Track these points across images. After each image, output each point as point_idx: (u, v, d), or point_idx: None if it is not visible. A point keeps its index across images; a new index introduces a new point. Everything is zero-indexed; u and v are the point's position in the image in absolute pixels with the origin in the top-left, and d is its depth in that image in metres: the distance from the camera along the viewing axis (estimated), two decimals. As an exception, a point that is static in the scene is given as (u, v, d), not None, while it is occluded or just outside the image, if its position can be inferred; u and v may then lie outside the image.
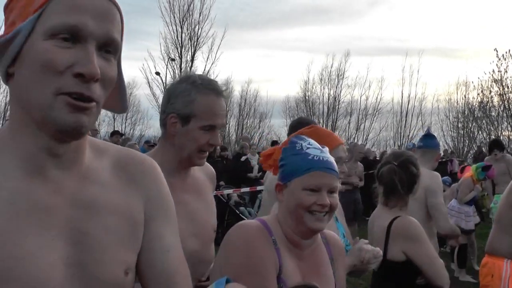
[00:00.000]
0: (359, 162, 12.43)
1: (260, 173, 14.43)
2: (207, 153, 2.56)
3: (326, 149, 2.34)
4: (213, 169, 2.90)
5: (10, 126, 1.32)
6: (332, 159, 2.29)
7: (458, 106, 40.31)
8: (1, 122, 31.26)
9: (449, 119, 40.57)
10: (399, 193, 3.73)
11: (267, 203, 3.66)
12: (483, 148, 24.23)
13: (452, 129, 39.86)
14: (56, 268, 1.24)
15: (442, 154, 19.53)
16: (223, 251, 2.19)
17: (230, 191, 13.26)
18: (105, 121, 40.70)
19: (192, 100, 2.43)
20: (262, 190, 13.21)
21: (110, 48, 1.26)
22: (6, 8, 1.32)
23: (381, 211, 3.87)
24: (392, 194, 3.77)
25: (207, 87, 2.48)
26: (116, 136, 14.19)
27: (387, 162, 3.90)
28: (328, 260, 2.36)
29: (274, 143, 18.59)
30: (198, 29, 35.98)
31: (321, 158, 2.24)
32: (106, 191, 1.39)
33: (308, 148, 2.28)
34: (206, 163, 2.79)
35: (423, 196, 4.92)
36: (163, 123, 2.53)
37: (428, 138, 5.81)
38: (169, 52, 35.63)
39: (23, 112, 1.26)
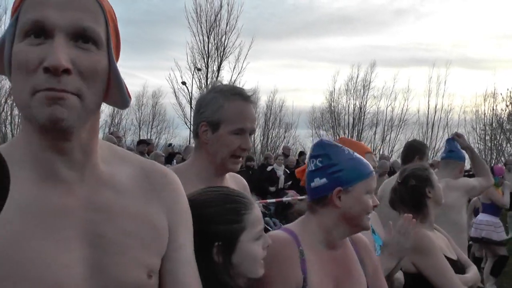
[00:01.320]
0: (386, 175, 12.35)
1: (290, 183, 14.43)
2: (241, 158, 2.57)
3: None
4: (245, 181, 2.89)
5: (22, 132, 1.35)
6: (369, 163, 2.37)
7: (485, 118, 39.92)
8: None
9: (476, 131, 40.14)
10: (409, 209, 3.66)
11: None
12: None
13: (479, 142, 39.38)
14: (72, 269, 1.25)
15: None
16: None
17: (256, 202, 13.22)
18: (131, 129, 41.11)
19: (220, 106, 2.48)
20: (289, 201, 13.24)
21: (86, 37, 1.23)
22: (12, 15, 1.33)
23: None
24: (401, 211, 3.72)
25: (233, 93, 2.52)
26: (142, 145, 14.02)
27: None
28: (357, 259, 2.39)
29: (301, 154, 18.52)
30: (225, 39, 36.18)
31: (367, 162, 2.35)
32: (124, 196, 1.40)
33: (354, 153, 2.35)
34: (239, 176, 2.83)
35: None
36: (196, 133, 2.58)
37: (451, 149, 5.70)
38: (195, 62, 35.83)
39: (24, 116, 1.28)
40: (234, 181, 2.73)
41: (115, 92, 1.36)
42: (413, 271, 3.52)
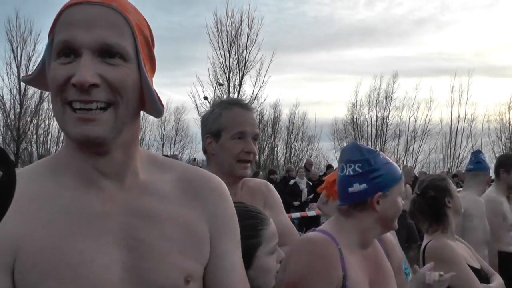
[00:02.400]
0: (407, 185, 12.25)
1: (312, 196, 14.39)
2: (249, 163, 2.62)
3: None
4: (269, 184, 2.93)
5: (65, 145, 1.42)
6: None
7: (510, 126, 39.54)
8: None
9: (501, 140, 39.83)
10: (427, 220, 3.69)
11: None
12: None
13: (504, 151, 38.83)
14: (111, 271, 1.29)
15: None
16: (287, 264, 2.23)
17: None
18: (154, 145, 41.29)
19: (219, 116, 2.59)
20: (314, 215, 13.19)
21: (113, 53, 1.28)
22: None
23: (425, 238, 3.82)
24: (422, 222, 3.74)
25: (230, 103, 2.66)
26: None
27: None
28: (384, 255, 2.45)
29: (329, 167, 18.43)
30: (246, 53, 36.19)
31: None
32: (164, 203, 1.42)
33: (386, 156, 2.41)
34: (261, 180, 2.91)
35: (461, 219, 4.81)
36: (204, 148, 2.68)
37: (478, 160, 5.61)
38: (217, 77, 35.80)
39: None
40: (254, 188, 2.78)
41: (149, 102, 1.38)
42: None
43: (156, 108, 1.39)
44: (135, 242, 1.34)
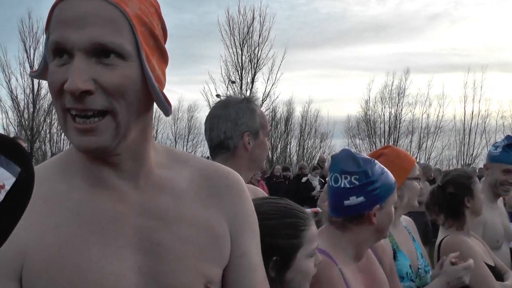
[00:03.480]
0: (426, 182, 12.14)
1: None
2: None
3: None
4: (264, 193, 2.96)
5: None
6: None
7: (525, 123, 39.15)
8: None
9: (516, 136, 39.39)
10: (446, 214, 3.61)
11: None
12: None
13: (519, 147, 38.51)
14: (125, 277, 1.23)
15: None
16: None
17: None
18: (167, 143, 41.23)
19: (257, 114, 2.64)
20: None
21: (108, 52, 1.17)
22: None
23: (440, 231, 3.76)
24: (436, 214, 3.66)
25: (256, 100, 2.74)
26: None
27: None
28: (377, 261, 2.41)
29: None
30: (258, 51, 36.26)
31: None
32: (181, 202, 1.35)
33: (378, 163, 2.35)
34: (254, 187, 2.90)
35: None
36: (234, 146, 2.63)
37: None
38: (229, 74, 35.94)
39: None
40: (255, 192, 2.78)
41: (156, 100, 1.29)
42: None
43: (163, 108, 1.28)
44: (151, 245, 1.28)
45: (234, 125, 2.63)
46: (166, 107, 1.28)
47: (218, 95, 34.92)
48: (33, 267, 1.20)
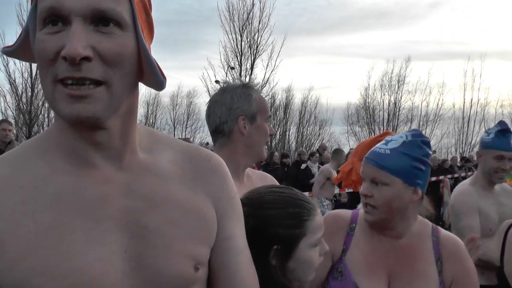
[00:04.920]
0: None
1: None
2: None
3: (399, 141, 2.31)
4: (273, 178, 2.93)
5: (55, 122, 1.30)
6: (387, 152, 2.28)
7: (524, 111, 39.14)
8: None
9: (515, 125, 39.38)
10: None
11: None
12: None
13: (518, 136, 38.53)
14: (111, 262, 1.19)
15: None
16: None
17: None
18: (165, 129, 41.40)
19: (254, 99, 2.62)
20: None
21: (107, 19, 1.14)
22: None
23: None
24: None
25: (255, 86, 2.72)
26: None
27: None
28: (433, 258, 2.30)
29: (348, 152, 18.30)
30: (258, 37, 36.07)
31: (373, 150, 2.35)
32: (167, 184, 1.33)
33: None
34: (266, 174, 2.95)
35: None
36: (229, 130, 2.64)
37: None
38: (228, 60, 35.78)
39: None
40: (261, 182, 2.76)
41: (149, 73, 1.26)
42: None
43: (158, 80, 1.26)
44: (138, 228, 1.24)
45: (228, 109, 2.63)
46: (161, 80, 1.27)
47: (217, 81, 34.93)
48: (8, 256, 1.14)
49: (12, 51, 1.25)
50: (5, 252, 1.13)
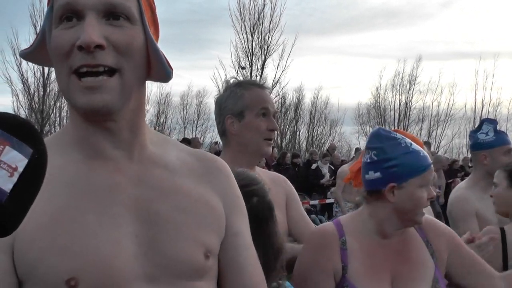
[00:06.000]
0: (435, 172, 11.98)
1: (333, 178, 14.34)
2: (271, 140, 2.69)
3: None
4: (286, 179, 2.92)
5: (69, 119, 1.38)
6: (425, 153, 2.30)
7: (536, 111, 38.90)
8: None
9: (527, 125, 39.16)
10: None
11: None
12: None
13: (530, 136, 38.31)
14: (122, 245, 1.23)
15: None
16: (302, 249, 2.36)
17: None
18: (176, 128, 41.46)
19: (240, 96, 2.62)
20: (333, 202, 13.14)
21: (118, 13, 1.23)
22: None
23: None
24: None
25: (249, 83, 2.71)
26: (184, 143, 14.16)
27: None
28: (423, 243, 2.35)
29: (357, 150, 18.28)
30: (269, 37, 36.01)
31: (426, 154, 2.29)
32: (176, 175, 1.39)
33: (412, 144, 2.30)
34: (279, 174, 2.94)
35: None
36: (222, 130, 2.68)
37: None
38: (239, 60, 35.75)
39: None
40: (274, 182, 2.75)
41: (156, 66, 1.34)
42: None
43: (165, 71, 1.34)
44: (149, 215, 1.29)
45: (219, 110, 2.68)
46: (168, 70, 1.35)
47: (227, 81, 34.88)
48: (23, 238, 1.18)
49: (29, 53, 1.33)
50: (21, 233, 1.16)
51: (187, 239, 1.31)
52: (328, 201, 13.78)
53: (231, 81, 2.77)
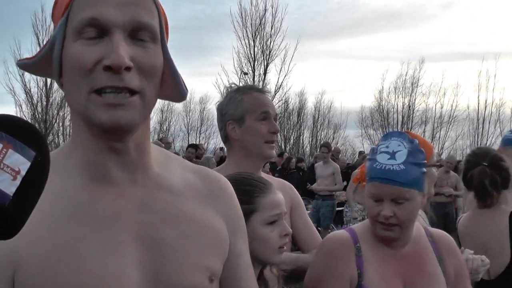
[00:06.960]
0: (451, 172, 11.93)
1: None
2: (273, 143, 2.70)
3: (404, 152, 2.21)
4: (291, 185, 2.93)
5: (72, 136, 1.31)
6: (401, 167, 2.16)
7: (540, 111, 38.77)
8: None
9: (531, 125, 39.01)
10: (494, 193, 3.49)
11: None
12: None
13: (534, 136, 38.14)
14: (127, 275, 1.20)
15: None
16: (314, 256, 2.34)
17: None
18: (179, 135, 41.48)
19: (240, 101, 2.65)
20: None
21: (144, 34, 1.19)
22: (52, 17, 1.30)
23: (479, 216, 3.62)
24: (488, 196, 3.52)
25: (248, 88, 2.73)
26: (190, 149, 13.98)
27: (474, 164, 3.59)
28: (436, 258, 2.31)
29: (361, 153, 18.27)
30: (270, 42, 35.99)
31: (383, 167, 2.19)
32: (180, 199, 1.35)
33: (380, 152, 2.25)
34: (284, 181, 2.94)
35: None
36: (225, 136, 2.71)
37: None
38: (242, 66, 35.72)
39: (78, 117, 1.23)
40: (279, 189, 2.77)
41: (170, 86, 1.30)
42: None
43: (181, 92, 1.32)
44: (153, 241, 1.26)
45: (220, 116, 2.72)
46: (184, 91, 1.33)
47: (227, 88, 34.84)
48: (25, 272, 1.15)
49: (30, 64, 1.28)
50: (23, 268, 1.15)
51: (192, 266, 1.29)
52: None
53: (231, 87, 2.79)
